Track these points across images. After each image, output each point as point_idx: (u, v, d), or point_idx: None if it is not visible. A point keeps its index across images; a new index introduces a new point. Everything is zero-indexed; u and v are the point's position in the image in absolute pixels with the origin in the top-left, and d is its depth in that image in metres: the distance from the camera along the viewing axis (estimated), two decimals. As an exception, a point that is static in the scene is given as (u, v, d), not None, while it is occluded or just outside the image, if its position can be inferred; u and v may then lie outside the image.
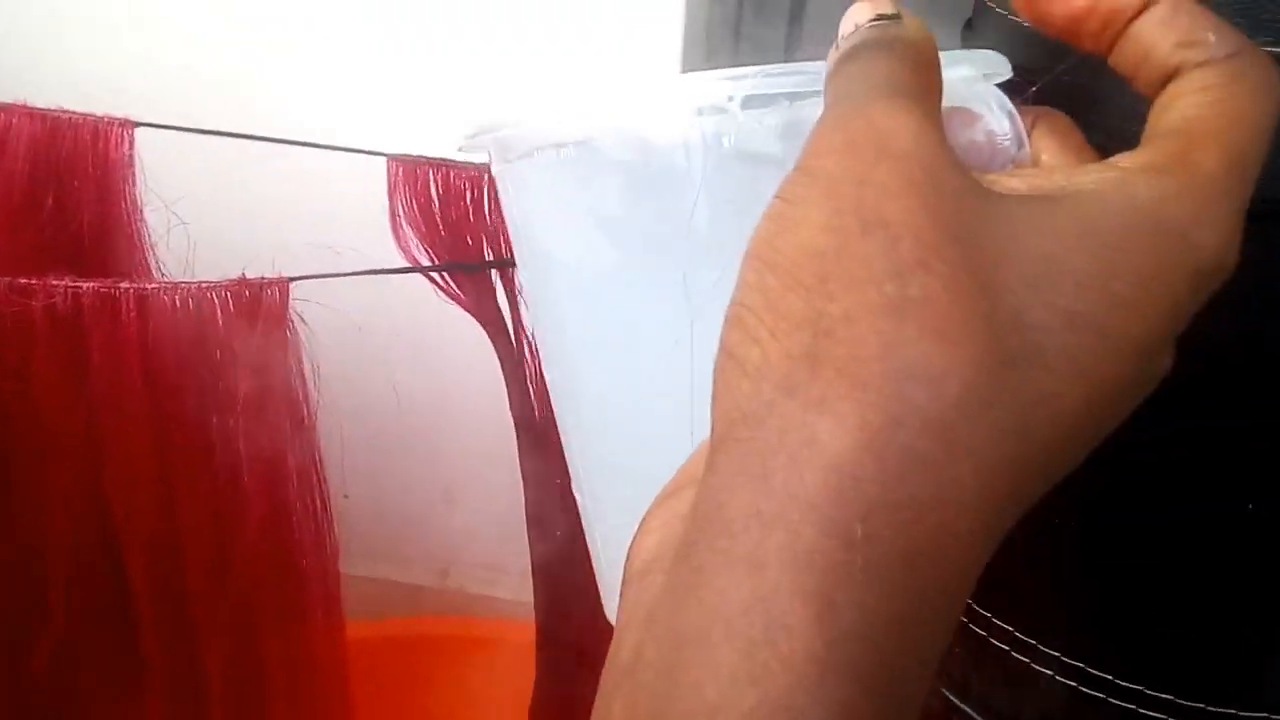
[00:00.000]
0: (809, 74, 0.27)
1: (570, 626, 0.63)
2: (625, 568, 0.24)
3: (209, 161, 0.67)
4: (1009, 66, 0.30)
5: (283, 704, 0.65)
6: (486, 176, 0.54)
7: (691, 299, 0.30)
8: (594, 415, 0.34)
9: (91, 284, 0.53)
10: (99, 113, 0.61)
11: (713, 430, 0.21)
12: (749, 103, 0.29)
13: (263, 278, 0.54)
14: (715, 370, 0.22)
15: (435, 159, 0.55)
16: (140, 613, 0.60)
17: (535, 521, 0.62)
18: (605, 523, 0.35)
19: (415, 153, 0.55)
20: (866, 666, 0.19)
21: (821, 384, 0.20)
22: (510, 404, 0.59)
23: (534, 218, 0.34)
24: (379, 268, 0.55)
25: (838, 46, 0.26)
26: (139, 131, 0.62)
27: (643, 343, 0.32)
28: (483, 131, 0.33)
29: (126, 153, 0.61)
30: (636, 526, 0.25)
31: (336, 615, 0.63)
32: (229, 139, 0.60)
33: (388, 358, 0.70)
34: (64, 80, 0.85)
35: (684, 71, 0.84)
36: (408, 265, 0.55)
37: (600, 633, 0.63)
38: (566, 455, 0.37)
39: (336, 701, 0.68)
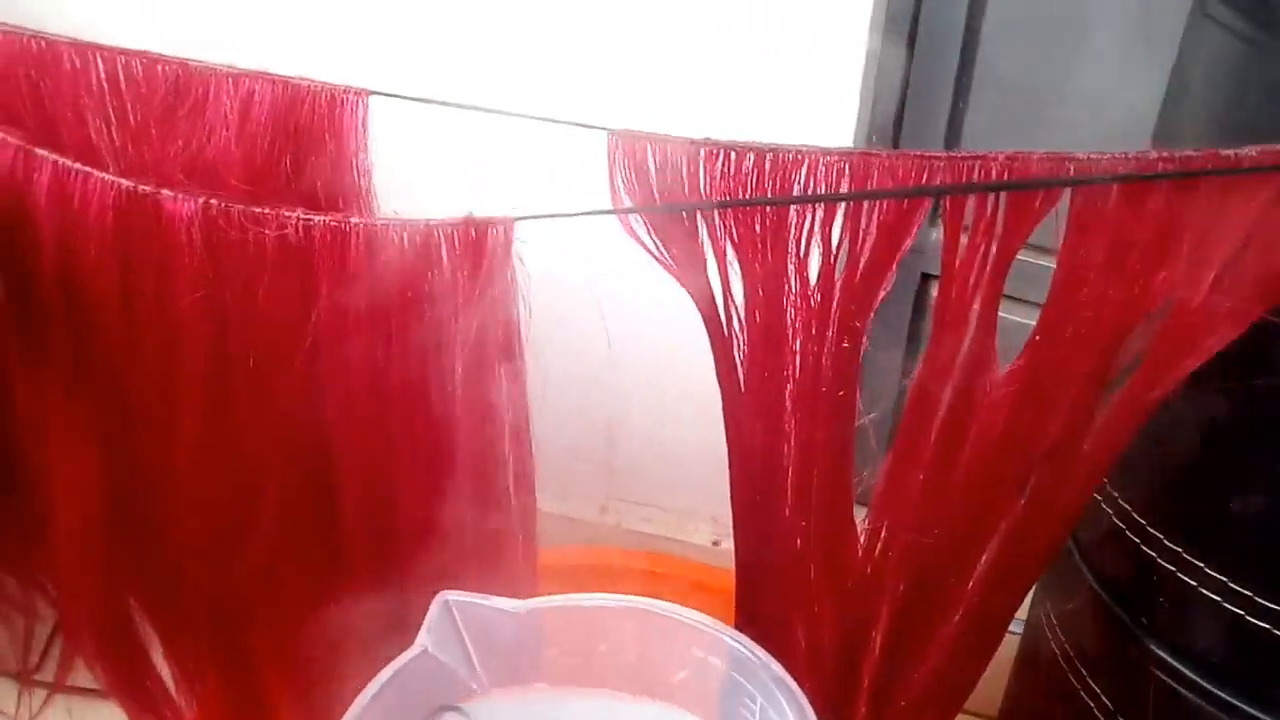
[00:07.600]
0: None
1: (769, 570, 0.64)
2: None
3: (433, 128, 0.67)
4: None
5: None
6: (702, 152, 0.53)
7: None
8: None
9: (323, 217, 0.54)
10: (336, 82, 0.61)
11: None
12: None
13: (489, 217, 0.54)
14: None
15: (655, 134, 0.54)
16: (348, 534, 0.62)
17: (740, 488, 0.62)
18: None
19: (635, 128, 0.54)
20: None
21: None
22: (718, 376, 0.58)
23: None
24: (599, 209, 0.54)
25: None
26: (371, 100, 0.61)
27: None
28: None
29: (360, 121, 0.61)
30: None
31: (531, 547, 0.65)
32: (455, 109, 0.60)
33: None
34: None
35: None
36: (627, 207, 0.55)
37: (793, 568, 0.63)
38: None
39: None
